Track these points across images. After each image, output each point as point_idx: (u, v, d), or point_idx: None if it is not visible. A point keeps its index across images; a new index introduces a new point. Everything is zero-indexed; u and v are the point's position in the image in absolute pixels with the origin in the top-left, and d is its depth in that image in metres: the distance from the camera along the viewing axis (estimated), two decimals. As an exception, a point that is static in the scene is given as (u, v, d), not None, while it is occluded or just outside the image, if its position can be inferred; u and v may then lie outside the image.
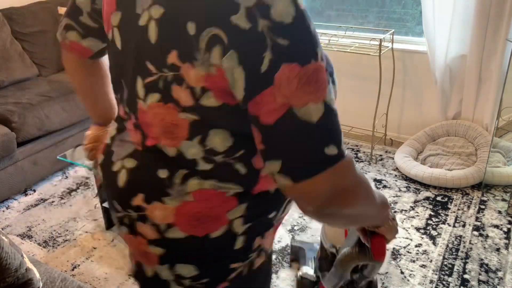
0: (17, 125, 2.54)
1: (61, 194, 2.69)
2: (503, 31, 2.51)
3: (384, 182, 2.66)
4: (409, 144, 2.89)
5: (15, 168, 2.58)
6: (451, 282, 1.92)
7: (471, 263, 2.03)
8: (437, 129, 2.88)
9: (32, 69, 3.18)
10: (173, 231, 0.79)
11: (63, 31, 0.97)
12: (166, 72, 0.70)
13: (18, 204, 2.61)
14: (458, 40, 2.68)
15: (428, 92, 2.94)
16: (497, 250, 2.09)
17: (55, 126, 2.74)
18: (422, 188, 2.59)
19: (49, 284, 1.38)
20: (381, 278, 1.96)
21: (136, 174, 0.82)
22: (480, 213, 2.36)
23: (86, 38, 0.95)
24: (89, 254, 2.18)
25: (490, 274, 1.96)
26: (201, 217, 0.78)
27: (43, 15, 3.32)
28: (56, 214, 2.50)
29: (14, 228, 2.39)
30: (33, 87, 2.98)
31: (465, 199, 2.48)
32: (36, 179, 2.73)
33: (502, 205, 2.41)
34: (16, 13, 3.20)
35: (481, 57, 2.63)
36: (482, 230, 2.23)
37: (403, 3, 3.04)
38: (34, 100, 2.73)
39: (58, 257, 2.17)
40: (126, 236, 0.88)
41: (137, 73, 0.75)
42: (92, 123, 1.15)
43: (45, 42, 3.29)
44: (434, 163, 2.68)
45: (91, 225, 2.40)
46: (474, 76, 2.69)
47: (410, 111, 3.06)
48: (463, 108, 2.84)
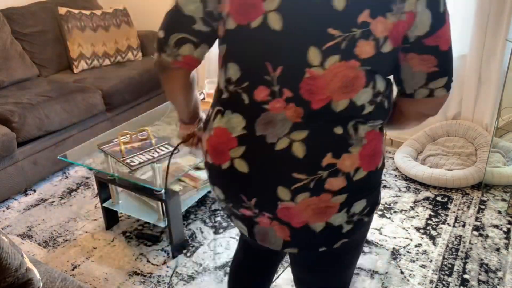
0: (17, 125, 2.54)
1: (61, 194, 2.69)
2: (503, 31, 2.51)
3: (384, 182, 2.66)
4: (409, 144, 2.89)
5: (15, 168, 2.58)
6: (451, 282, 1.92)
7: (471, 263, 2.03)
8: (437, 129, 2.88)
9: (32, 69, 3.18)
10: (359, 173, 0.96)
11: (173, 50, 0.98)
12: (354, 31, 0.86)
13: (18, 204, 2.61)
14: (458, 40, 2.69)
15: (428, 92, 2.94)
16: (497, 250, 2.09)
17: (55, 126, 2.74)
18: (422, 188, 2.60)
19: (49, 284, 1.38)
20: (381, 278, 1.96)
21: (313, 140, 0.92)
22: (480, 213, 2.36)
23: (199, 47, 1.00)
24: (89, 254, 2.18)
25: (490, 274, 1.96)
26: (373, 154, 0.97)
27: (43, 15, 3.32)
28: (56, 214, 2.50)
29: (14, 228, 2.39)
30: (33, 87, 2.98)
31: (465, 199, 2.48)
32: (36, 179, 2.73)
33: (502, 205, 2.41)
34: (16, 13, 3.20)
35: (481, 57, 2.64)
36: (482, 230, 2.23)
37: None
38: (34, 100, 2.74)
39: (58, 257, 2.17)
40: (303, 202, 0.96)
41: (310, 43, 0.88)
42: (181, 123, 1.25)
43: (45, 42, 3.29)
44: (434, 163, 2.69)
45: (91, 225, 2.40)
46: (474, 76, 2.69)
47: (410, 111, 3.06)
48: (463, 108, 2.84)
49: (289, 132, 0.92)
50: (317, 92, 0.89)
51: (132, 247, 2.22)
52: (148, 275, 2.04)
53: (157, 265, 2.10)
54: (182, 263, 2.10)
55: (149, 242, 2.25)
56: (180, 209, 2.12)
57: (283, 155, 0.93)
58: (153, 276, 2.03)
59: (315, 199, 0.95)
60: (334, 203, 0.96)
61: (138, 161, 2.00)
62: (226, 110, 0.99)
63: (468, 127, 2.79)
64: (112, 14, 3.47)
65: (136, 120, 2.57)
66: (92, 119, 3.02)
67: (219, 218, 2.40)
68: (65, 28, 3.29)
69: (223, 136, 0.99)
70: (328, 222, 0.98)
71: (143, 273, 2.05)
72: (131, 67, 3.38)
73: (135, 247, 2.22)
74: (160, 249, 2.20)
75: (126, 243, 2.25)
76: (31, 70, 3.17)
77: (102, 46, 3.39)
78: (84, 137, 2.94)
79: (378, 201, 1.06)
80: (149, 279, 2.02)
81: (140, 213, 2.21)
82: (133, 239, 2.27)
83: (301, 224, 0.98)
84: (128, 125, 2.50)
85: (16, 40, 3.14)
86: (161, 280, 2.01)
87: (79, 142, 2.86)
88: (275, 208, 0.98)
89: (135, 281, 2.01)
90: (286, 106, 0.91)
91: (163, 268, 2.08)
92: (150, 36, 3.71)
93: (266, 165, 0.95)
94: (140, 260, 2.13)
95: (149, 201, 2.25)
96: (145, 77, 3.35)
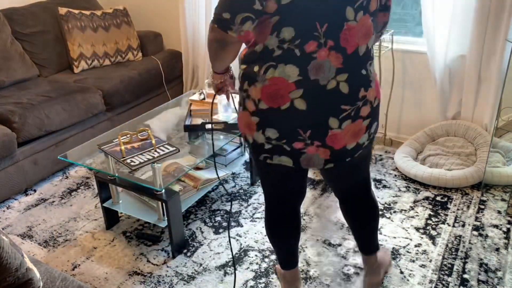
0: (18, 125, 2.55)
1: (61, 194, 2.69)
2: (503, 31, 2.51)
3: (384, 182, 2.67)
4: (409, 144, 2.89)
5: (16, 168, 2.58)
6: (450, 282, 1.93)
7: (471, 263, 2.03)
8: (437, 129, 2.88)
9: (33, 69, 3.18)
10: (375, 101, 1.39)
11: (239, 26, 1.23)
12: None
13: (18, 204, 2.61)
14: (457, 40, 2.69)
15: (427, 92, 2.94)
16: (497, 250, 2.10)
17: (56, 126, 2.74)
18: (421, 188, 2.60)
19: (50, 283, 1.38)
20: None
21: (352, 80, 1.30)
22: (479, 213, 2.36)
23: (254, 23, 1.25)
24: (89, 254, 2.19)
25: (489, 274, 1.96)
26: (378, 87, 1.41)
27: (43, 16, 3.33)
28: (57, 214, 2.51)
29: (15, 228, 2.40)
30: (34, 87, 2.99)
31: (465, 199, 2.48)
32: (36, 179, 2.74)
33: (501, 205, 2.42)
34: (16, 14, 3.20)
35: (480, 57, 2.64)
36: (482, 230, 2.23)
37: (403, 3, 3.04)
38: (34, 100, 2.74)
39: (58, 257, 2.18)
40: (348, 128, 1.34)
41: (346, 4, 1.23)
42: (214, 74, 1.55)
43: (46, 42, 3.30)
44: (433, 163, 2.69)
45: (91, 225, 2.40)
46: (473, 76, 2.69)
47: (410, 111, 3.06)
48: (462, 108, 2.84)
49: (335, 76, 1.28)
50: (350, 40, 1.25)
51: (132, 247, 2.22)
52: (148, 275, 2.04)
53: (157, 265, 2.10)
54: (182, 263, 2.11)
55: (149, 242, 2.25)
56: (180, 209, 2.12)
57: (334, 92, 1.29)
58: (153, 276, 2.04)
59: (353, 125, 1.34)
60: (363, 126, 1.38)
61: (138, 161, 2.00)
62: (279, 64, 1.28)
63: (467, 127, 2.79)
64: (112, 14, 3.47)
65: (136, 120, 2.58)
66: (92, 119, 3.02)
67: (219, 218, 2.40)
68: (65, 28, 3.29)
69: (280, 83, 1.29)
70: (358, 142, 1.39)
71: (143, 273, 2.06)
72: (131, 67, 3.39)
73: (135, 247, 2.23)
74: (160, 249, 2.20)
75: (126, 243, 2.25)
76: (32, 70, 3.17)
77: (102, 46, 3.39)
78: (84, 137, 2.95)
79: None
80: (149, 279, 2.02)
81: (140, 213, 2.22)
82: (133, 239, 2.28)
83: (341, 146, 1.36)
84: (128, 125, 2.50)
85: (17, 40, 3.15)
86: (161, 280, 2.01)
87: (79, 142, 2.87)
88: (325, 136, 1.33)
89: (135, 281, 2.01)
90: (329, 53, 1.25)
91: (163, 268, 2.08)
92: (150, 36, 3.72)
93: (320, 101, 1.29)
94: (140, 260, 2.14)
95: (149, 201, 2.26)
96: (145, 77, 3.36)
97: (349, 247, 2.15)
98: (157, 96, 3.56)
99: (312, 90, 1.27)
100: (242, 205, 2.51)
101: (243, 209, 2.47)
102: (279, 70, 1.28)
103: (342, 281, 1.96)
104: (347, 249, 2.14)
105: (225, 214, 2.44)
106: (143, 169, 2.49)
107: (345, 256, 2.10)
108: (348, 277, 1.98)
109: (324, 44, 1.24)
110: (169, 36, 3.93)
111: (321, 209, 2.45)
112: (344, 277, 1.98)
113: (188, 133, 2.39)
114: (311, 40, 1.24)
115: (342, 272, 2.01)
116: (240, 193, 2.62)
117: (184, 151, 2.25)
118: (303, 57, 1.25)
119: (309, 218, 2.37)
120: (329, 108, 1.30)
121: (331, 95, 1.28)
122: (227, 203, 2.54)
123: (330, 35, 1.23)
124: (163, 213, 2.14)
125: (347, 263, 2.06)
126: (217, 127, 2.30)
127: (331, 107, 1.30)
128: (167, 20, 3.88)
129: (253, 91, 1.34)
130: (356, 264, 2.05)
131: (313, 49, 1.24)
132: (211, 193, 2.63)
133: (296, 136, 1.34)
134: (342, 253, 2.12)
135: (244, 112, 1.41)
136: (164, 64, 3.54)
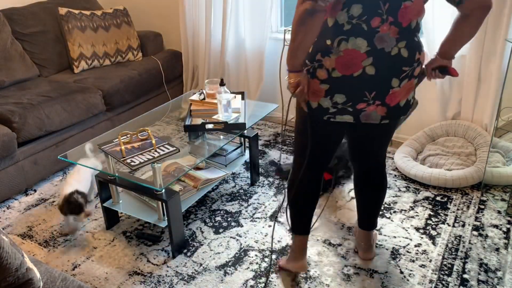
0: (18, 125, 2.55)
1: (61, 194, 2.69)
2: (503, 32, 2.51)
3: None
4: (409, 144, 2.89)
5: (16, 168, 2.58)
6: (450, 282, 1.93)
7: (471, 263, 2.03)
8: (437, 129, 2.88)
9: (33, 69, 3.18)
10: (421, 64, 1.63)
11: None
12: None
13: (18, 204, 2.62)
14: (457, 40, 2.68)
15: (427, 92, 2.94)
16: (497, 250, 2.10)
17: (56, 126, 2.74)
18: (421, 188, 2.60)
19: (50, 283, 1.39)
20: (381, 278, 1.97)
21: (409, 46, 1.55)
22: (479, 213, 2.36)
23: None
24: (89, 254, 2.19)
25: (489, 274, 1.96)
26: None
27: (43, 16, 3.33)
28: (57, 214, 2.51)
29: (15, 228, 2.40)
30: (34, 87, 2.99)
31: (465, 199, 2.48)
32: (36, 179, 2.74)
33: (501, 205, 2.42)
34: (16, 14, 3.20)
35: (480, 57, 2.64)
36: (482, 230, 2.24)
37: (403, 3, 3.03)
38: (34, 100, 2.74)
39: (58, 257, 2.18)
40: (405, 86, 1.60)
41: None
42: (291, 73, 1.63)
43: (46, 42, 3.30)
44: (433, 163, 2.69)
45: (91, 225, 2.40)
46: (473, 76, 2.69)
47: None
48: (462, 108, 2.84)
49: (396, 44, 1.53)
50: (405, 16, 1.49)
51: (132, 247, 2.22)
52: (148, 275, 2.04)
53: (157, 264, 2.11)
54: (182, 263, 2.11)
55: (149, 242, 2.26)
56: (180, 209, 2.12)
57: (396, 57, 1.54)
58: (153, 275, 2.04)
59: (408, 83, 1.61)
60: (413, 85, 1.64)
61: (138, 161, 2.01)
62: (350, 37, 1.52)
63: (467, 127, 2.79)
64: (112, 14, 3.48)
65: (136, 120, 2.58)
66: (93, 119, 3.02)
67: (219, 218, 2.41)
68: (66, 28, 3.29)
69: (354, 54, 1.53)
70: (407, 98, 1.65)
71: (143, 273, 2.06)
72: (131, 67, 3.39)
73: (135, 247, 2.23)
74: (160, 249, 2.20)
75: (127, 243, 2.25)
76: (32, 70, 3.17)
77: (103, 46, 3.40)
78: (84, 137, 2.95)
79: None
80: (149, 278, 2.02)
81: (140, 213, 2.22)
82: (134, 239, 2.28)
83: (396, 103, 1.62)
84: (128, 125, 2.50)
85: (17, 40, 3.15)
86: (161, 280, 2.01)
87: (80, 142, 2.87)
88: (387, 94, 1.59)
89: (135, 280, 2.01)
90: (389, 27, 1.50)
91: (163, 268, 2.09)
92: (150, 36, 3.72)
93: (386, 65, 1.54)
94: (140, 260, 2.14)
95: (149, 201, 2.26)
96: (145, 77, 3.36)
97: (349, 247, 2.16)
98: (157, 96, 3.56)
99: (379, 57, 1.53)
100: (242, 205, 2.51)
101: (243, 209, 2.47)
102: (351, 43, 1.52)
103: (342, 281, 1.96)
104: (347, 249, 2.14)
105: (225, 214, 2.44)
106: (143, 169, 2.49)
107: (345, 256, 2.10)
108: (348, 277, 1.98)
109: (386, 20, 1.49)
110: (169, 36, 3.93)
111: (321, 209, 2.45)
112: (344, 277, 1.98)
113: (188, 133, 2.39)
114: (376, 16, 1.49)
115: (342, 272, 2.01)
116: (240, 193, 2.62)
117: (184, 151, 2.25)
118: (369, 31, 1.51)
119: (309, 218, 2.38)
120: (393, 70, 1.56)
121: (395, 60, 1.55)
122: (227, 203, 2.54)
123: (390, 13, 1.48)
124: (163, 213, 2.14)
125: (347, 263, 2.06)
126: (217, 127, 2.31)
127: (395, 69, 1.56)
128: (167, 20, 3.88)
129: (327, 61, 1.57)
130: (356, 264, 2.05)
131: (377, 24, 1.50)
132: (211, 193, 2.63)
133: (362, 98, 1.60)
134: (342, 253, 2.12)
135: (313, 80, 1.62)
136: (164, 64, 3.54)
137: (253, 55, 3.39)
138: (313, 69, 1.61)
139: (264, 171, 2.84)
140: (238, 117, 2.38)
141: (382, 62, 1.54)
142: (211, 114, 2.40)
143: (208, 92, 2.50)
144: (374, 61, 1.54)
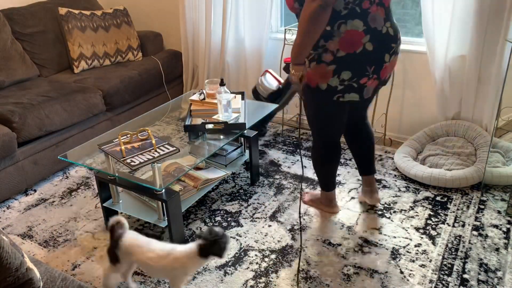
0: (18, 125, 2.55)
1: (61, 194, 2.69)
2: (503, 32, 2.51)
3: (384, 182, 2.67)
4: (409, 144, 2.89)
5: (16, 168, 2.58)
6: (450, 282, 1.93)
7: (471, 263, 2.03)
8: (437, 129, 2.88)
9: (33, 69, 3.18)
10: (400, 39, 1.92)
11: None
12: None
13: (18, 204, 2.62)
14: (457, 40, 2.69)
15: (427, 92, 2.94)
16: (497, 250, 2.10)
17: (56, 126, 2.74)
18: (421, 188, 2.60)
19: (50, 283, 1.39)
20: (381, 278, 1.97)
21: (393, 26, 1.87)
22: (479, 213, 2.36)
23: None
24: (89, 254, 2.19)
25: (489, 274, 1.96)
26: None
27: (43, 16, 3.33)
28: (57, 214, 2.51)
29: (15, 228, 2.40)
30: (34, 87, 2.99)
31: (465, 199, 2.48)
32: (36, 179, 2.74)
33: (501, 205, 2.42)
34: (16, 14, 3.21)
35: (480, 57, 2.64)
36: (482, 230, 2.24)
37: (403, 3, 3.04)
38: (34, 100, 2.74)
39: (58, 257, 2.18)
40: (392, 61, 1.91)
41: None
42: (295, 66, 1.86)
43: (46, 43, 3.30)
44: (433, 163, 2.69)
45: (91, 225, 2.40)
46: (473, 76, 2.69)
47: (410, 111, 3.06)
48: (462, 108, 2.84)
49: (384, 23, 1.82)
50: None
51: (132, 247, 2.22)
52: (148, 275, 2.04)
53: (157, 265, 2.10)
54: (182, 263, 2.11)
55: (149, 242, 2.25)
56: (180, 209, 2.12)
57: (386, 35, 1.83)
58: (153, 275, 2.04)
59: (395, 58, 1.91)
60: (396, 60, 1.94)
61: (138, 161, 2.01)
62: (348, 20, 1.77)
63: (467, 127, 2.79)
64: (112, 14, 3.48)
65: (136, 120, 2.58)
66: (92, 119, 3.02)
67: (219, 218, 2.41)
68: (66, 29, 3.29)
69: (354, 33, 1.78)
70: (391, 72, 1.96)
71: (143, 273, 2.06)
72: (131, 67, 3.39)
73: (135, 247, 2.22)
74: (160, 249, 2.20)
75: (126, 243, 2.25)
76: (32, 70, 3.17)
77: (103, 46, 3.40)
78: (84, 137, 2.95)
79: None
80: (149, 278, 2.02)
81: (140, 213, 2.22)
82: (133, 239, 2.28)
83: (385, 76, 1.93)
84: (128, 125, 2.50)
85: (17, 40, 3.15)
86: (161, 280, 2.01)
87: (80, 142, 2.87)
88: (381, 69, 1.86)
89: (135, 280, 2.01)
90: (377, 8, 1.79)
91: (163, 267, 2.08)
92: (150, 36, 3.72)
93: (380, 42, 1.81)
94: (140, 260, 2.14)
95: (149, 201, 2.26)
96: (145, 77, 3.36)
97: (349, 247, 2.16)
98: (157, 96, 3.56)
99: (374, 35, 1.79)
100: (242, 205, 2.51)
101: (243, 209, 2.47)
102: (349, 24, 1.78)
103: (342, 281, 1.96)
104: (347, 249, 2.14)
105: (225, 214, 2.44)
106: (143, 169, 2.49)
107: (345, 256, 2.10)
108: (348, 277, 1.98)
109: (373, 1, 1.78)
110: (169, 36, 3.93)
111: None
112: (344, 277, 1.98)
113: (188, 133, 2.39)
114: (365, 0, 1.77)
115: (342, 272, 2.01)
116: (240, 193, 2.62)
117: (184, 151, 2.25)
118: (362, 12, 1.77)
119: (309, 218, 2.38)
120: (385, 46, 1.83)
121: (385, 37, 1.82)
122: (227, 203, 2.54)
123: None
124: (163, 213, 2.14)
125: (347, 263, 2.06)
126: (217, 127, 2.31)
127: (386, 46, 1.83)
128: (167, 20, 3.88)
129: (331, 44, 1.81)
130: (356, 264, 2.05)
131: (367, 6, 1.77)
132: (211, 193, 2.63)
133: (364, 72, 1.84)
134: (342, 253, 2.12)
135: (320, 65, 1.85)
136: (164, 64, 3.54)
137: (253, 55, 3.39)
138: (318, 55, 1.85)
139: (264, 171, 2.84)
140: (238, 117, 2.39)
141: (376, 39, 1.80)
142: (211, 114, 2.40)
143: (208, 92, 2.50)
144: (371, 38, 1.79)
